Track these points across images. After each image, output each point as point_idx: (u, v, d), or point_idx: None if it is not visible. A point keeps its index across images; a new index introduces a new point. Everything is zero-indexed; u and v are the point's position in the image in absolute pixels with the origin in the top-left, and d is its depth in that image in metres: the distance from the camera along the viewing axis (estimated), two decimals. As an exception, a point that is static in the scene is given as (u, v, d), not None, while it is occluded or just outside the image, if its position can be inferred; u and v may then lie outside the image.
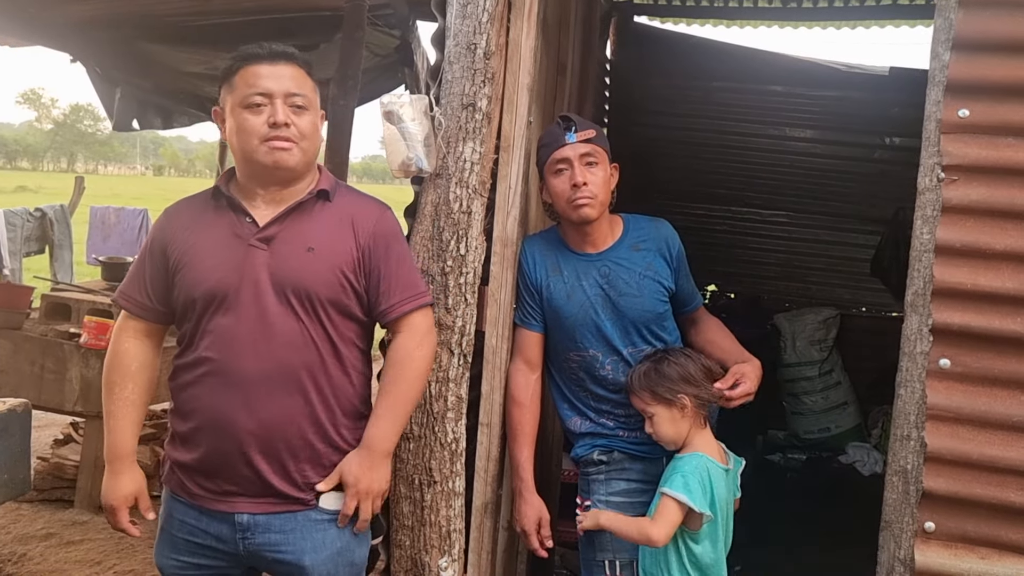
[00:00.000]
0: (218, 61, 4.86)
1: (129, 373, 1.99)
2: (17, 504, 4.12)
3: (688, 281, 2.45)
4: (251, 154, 1.89)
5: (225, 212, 1.95)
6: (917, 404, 2.05)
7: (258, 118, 1.88)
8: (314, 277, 1.90)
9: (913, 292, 2.06)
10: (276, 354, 1.87)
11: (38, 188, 32.47)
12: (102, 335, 4.01)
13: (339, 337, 1.94)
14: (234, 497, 1.90)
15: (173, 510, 1.96)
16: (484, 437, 2.41)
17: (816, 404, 6.05)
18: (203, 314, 1.90)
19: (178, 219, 1.99)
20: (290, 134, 1.88)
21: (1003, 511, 1.99)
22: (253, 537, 1.90)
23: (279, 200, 1.95)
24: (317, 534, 1.93)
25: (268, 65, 1.89)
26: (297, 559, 1.91)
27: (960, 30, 2.01)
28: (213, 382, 1.88)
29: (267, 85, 1.88)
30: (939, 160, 2.03)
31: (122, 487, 1.98)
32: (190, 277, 1.90)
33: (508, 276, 2.40)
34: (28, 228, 7.99)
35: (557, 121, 2.33)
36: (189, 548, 1.94)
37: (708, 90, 5.56)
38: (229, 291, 1.87)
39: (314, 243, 1.92)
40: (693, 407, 2.20)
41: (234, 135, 1.91)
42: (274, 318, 1.87)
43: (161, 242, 1.97)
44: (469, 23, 2.27)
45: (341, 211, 1.99)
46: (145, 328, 2.02)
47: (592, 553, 2.35)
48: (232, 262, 1.89)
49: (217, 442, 1.88)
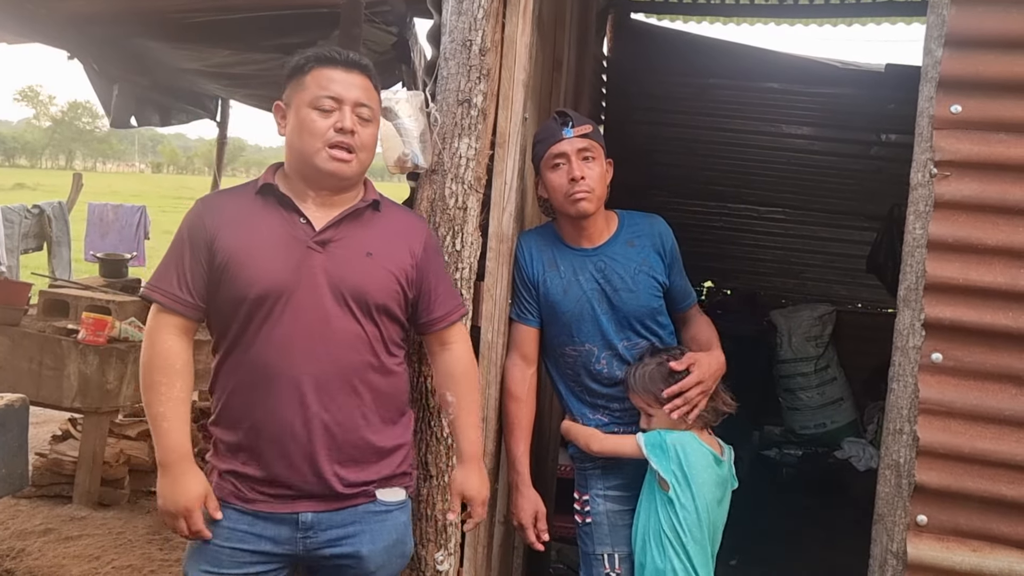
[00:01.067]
0: (216, 58, 4.90)
1: (175, 371, 1.88)
2: (15, 500, 4.13)
3: (681, 278, 2.46)
4: (311, 156, 1.88)
5: (275, 209, 1.92)
6: (910, 398, 2.06)
7: (325, 121, 1.87)
8: (373, 282, 1.93)
9: (906, 287, 2.07)
10: (335, 355, 1.88)
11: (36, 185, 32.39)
12: (100, 331, 4.02)
13: (389, 339, 1.99)
14: (297, 499, 1.89)
15: (222, 519, 1.89)
16: (480, 432, 2.42)
17: (812, 400, 6.07)
18: (254, 314, 1.86)
19: (222, 213, 1.91)
20: (353, 142, 1.89)
21: (994, 504, 2.01)
22: (316, 536, 1.91)
23: (329, 204, 1.95)
24: (376, 525, 1.96)
25: (343, 71, 1.90)
26: (355, 549, 1.93)
27: (953, 26, 2.03)
28: (270, 386, 1.85)
29: (339, 90, 1.88)
30: (932, 156, 2.04)
31: (192, 488, 1.86)
32: (244, 276, 1.85)
33: (504, 272, 2.41)
34: (26, 225, 7.98)
35: (553, 116, 2.35)
36: (235, 559, 1.89)
37: (704, 87, 5.56)
38: (285, 292, 1.85)
39: (372, 249, 1.95)
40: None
41: (296, 133, 1.90)
42: (334, 320, 1.88)
43: (205, 236, 1.89)
44: (465, 19, 2.28)
45: (392, 222, 2.04)
46: (183, 325, 1.91)
47: (590, 546, 2.36)
48: (290, 263, 1.87)
49: (281, 447, 1.86)
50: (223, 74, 5.28)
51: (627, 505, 2.34)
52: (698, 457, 2.22)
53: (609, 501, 2.36)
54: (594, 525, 2.36)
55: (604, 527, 2.34)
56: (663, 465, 2.20)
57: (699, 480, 2.21)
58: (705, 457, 2.24)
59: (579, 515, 2.41)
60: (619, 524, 2.34)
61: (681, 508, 2.19)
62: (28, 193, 27.11)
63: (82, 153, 77.00)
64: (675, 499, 2.19)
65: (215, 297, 1.90)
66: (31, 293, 4.58)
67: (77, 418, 4.49)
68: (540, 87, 2.81)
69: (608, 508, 2.36)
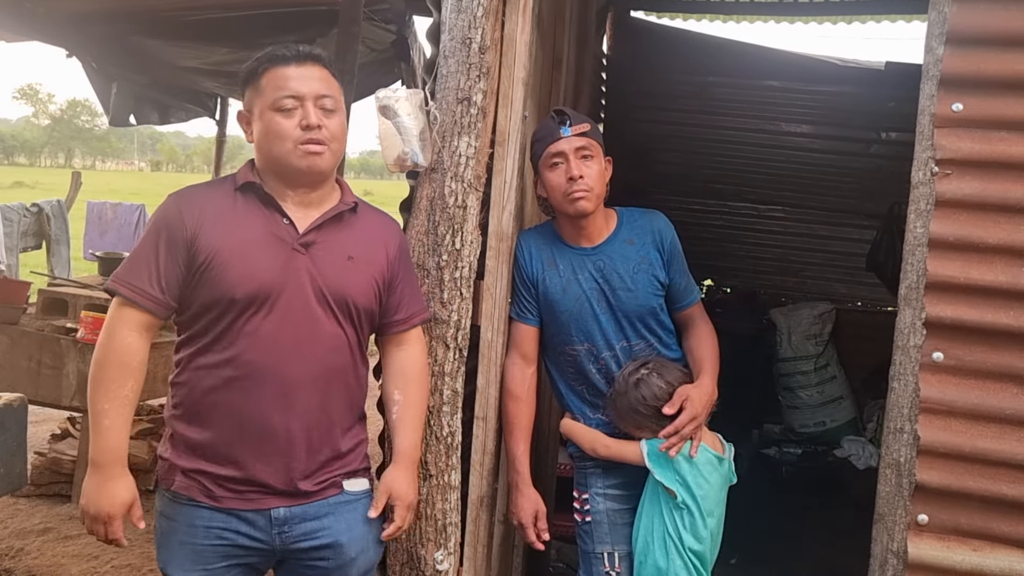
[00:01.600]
0: (214, 56, 4.90)
1: (130, 369, 1.84)
2: (14, 499, 4.12)
3: (682, 275, 2.43)
4: (284, 157, 1.87)
5: (256, 208, 1.90)
6: (910, 397, 2.06)
7: (290, 121, 1.85)
8: (354, 286, 1.94)
9: (907, 286, 2.07)
10: (320, 357, 1.89)
11: (35, 184, 32.39)
12: (99, 330, 3.99)
13: (364, 343, 2.02)
14: (268, 496, 1.89)
15: (195, 518, 1.87)
16: (480, 431, 2.42)
17: (811, 398, 6.06)
18: (241, 314, 1.84)
19: (203, 209, 1.87)
20: (322, 136, 1.87)
21: (995, 503, 2.00)
22: (290, 530, 1.91)
23: (307, 202, 1.94)
24: (349, 514, 1.97)
25: (296, 67, 1.88)
26: (335, 539, 1.94)
27: (954, 24, 2.02)
28: (252, 386, 1.84)
29: (296, 87, 1.86)
30: (933, 154, 2.03)
31: (119, 495, 1.83)
32: (229, 276, 1.83)
33: (503, 270, 2.40)
34: (25, 223, 7.97)
35: (551, 115, 2.34)
36: (217, 554, 1.88)
37: (704, 85, 5.54)
38: (273, 293, 1.85)
39: (353, 253, 1.95)
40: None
41: (264, 138, 1.88)
42: (319, 323, 1.89)
43: (184, 234, 1.84)
44: (464, 17, 2.27)
45: (369, 224, 2.04)
46: (147, 322, 1.86)
47: (590, 545, 2.36)
48: (276, 264, 1.86)
49: (261, 446, 1.86)
50: (221, 72, 5.27)
51: (627, 504, 2.34)
52: (702, 463, 2.22)
53: (609, 500, 2.35)
54: (594, 524, 2.35)
55: (604, 526, 2.34)
56: (667, 476, 2.19)
57: (704, 486, 2.21)
58: (710, 462, 2.24)
59: (579, 514, 2.41)
60: (619, 523, 2.34)
61: (688, 514, 2.19)
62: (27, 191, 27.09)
63: (81, 151, 76.95)
64: (683, 506, 2.19)
65: (192, 295, 1.87)
66: (30, 292, 4.57)
67: (76, 417, 4.49)
68: (540, 85, 2.80)
69: (608, 507, 2.35)
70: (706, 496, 2.21)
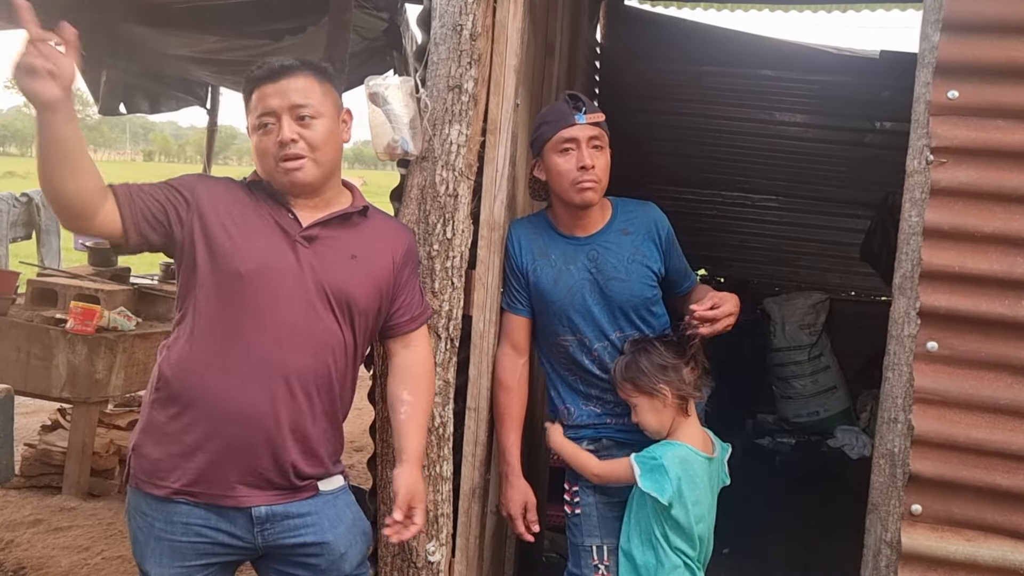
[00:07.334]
0: (204, 44, 4.85)
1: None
2: (4, 491, 4.11)
3: (680, 261, 2.43)
4: (270, 174, 1.91)
5: (264, 201, 1.93)
6: (904, 387, 2.04)
7: (269, 138, 1.88)
8: (356, 286, 1.93)
9: (901, 275, 2.05)
10: (316, 351, 1.88)
11: (27, 174, 32.11)
12: (88, 321, 3.99)
13: (358, 346, 1.99)
14: (248, 491, 1.86)
15: (173, 515, 1.85)
16: (472, 422, 2.40)
17: (805, 388, 6.07)
18: (245, 298, 1.83)
19: (216, 191, 1.93)
20: (299, 149, 1.86)
21: (989, 494, 1.99)
22: (272, 527, 1.89)
23: (313, 206, 1.95)
24: (331, 510, 1.96)
25: (271, 84, 1.88)
26: (320, 537, 1.92)
27: (950, 11, 2.00)
28: (251, 375, 1.82)
29: (271, 104, 1.87)
30: (928, 142, 2.02)
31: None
32: (238, 249, 1.84)
33: (495, 260, 2.38)
34: (14, 214, 7.90)
35: (564, 99, 2.30)
36: (197, 551, 1.86)
37: (698, 74, 5.52)
38: (276, 277, 1.85)
39: (357, 252, 1.95)
40: (674, 397, 2.21)
41: (255, 158, 1.94)
42: (318, 317, 1.88)
43: (197, 199, 1.88)
44: (455, 4, 2.24)
45: (378, 228, 2.05)
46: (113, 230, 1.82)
47: (579, 538, 2.35)
48: (280, 250, 1.88)
49: (243, 435, 1.82)
50: (212, 60, 5.22)
51: (617, 497, 2.32)
52: (696, 469, 2.20)
53: (598, 493, 2.34)
54: (583, 516, 2.34)
55: (593, 519, 2.33)
56: (662, 491, 2.13)
57: (696, 492, 2.19)
58: (702, 467, 2.22)
59: (568, 506, 2.39)
60: (608, 516, 2.32)
61: (677, 524, 2.17)
62: (19, 181, 26.89)
63: (73, 141, 76.39)
64: (674, 515, 2.17)
65: (196, 270, 1.86)
66: (19, 282, 4.54)
67: (66, 408, 4.47)
68: (532, 73, 2.77)
69: (597, 500, 2.33)
70: (698, 501, 2.19)
